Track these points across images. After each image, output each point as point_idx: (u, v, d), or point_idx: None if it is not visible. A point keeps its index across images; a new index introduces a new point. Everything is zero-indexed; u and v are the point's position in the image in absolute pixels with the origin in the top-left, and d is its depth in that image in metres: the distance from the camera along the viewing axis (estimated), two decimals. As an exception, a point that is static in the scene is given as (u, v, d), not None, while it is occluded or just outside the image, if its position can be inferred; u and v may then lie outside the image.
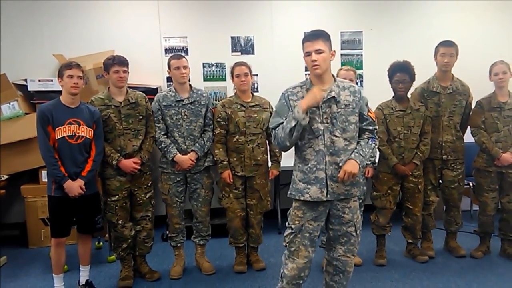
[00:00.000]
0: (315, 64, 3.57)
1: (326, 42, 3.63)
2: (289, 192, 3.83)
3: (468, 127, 5.47)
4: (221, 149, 5.05)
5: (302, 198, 3.68)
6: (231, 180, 5.03)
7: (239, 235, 5.21)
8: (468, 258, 5.47)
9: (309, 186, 3.66)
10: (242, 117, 5.00)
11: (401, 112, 5.14)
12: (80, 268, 4.76)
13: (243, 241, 5.26)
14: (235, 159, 5.06)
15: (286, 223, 3.83)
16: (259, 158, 5.08)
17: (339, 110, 3.62)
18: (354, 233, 3.77)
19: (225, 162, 5.02)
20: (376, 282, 4.92)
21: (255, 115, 5.04)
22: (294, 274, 3.73)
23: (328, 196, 3.64)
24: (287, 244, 3.78)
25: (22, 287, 5.05)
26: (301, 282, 3.79)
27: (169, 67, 5.05)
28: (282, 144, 3.65)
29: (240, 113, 5.01)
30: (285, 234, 3.81)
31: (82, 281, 4.75)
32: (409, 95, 5.25)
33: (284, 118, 3.62)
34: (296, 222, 3.72)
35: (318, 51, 3.56)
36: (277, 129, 3.66)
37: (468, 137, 5.51)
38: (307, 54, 3.60)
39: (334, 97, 3.61)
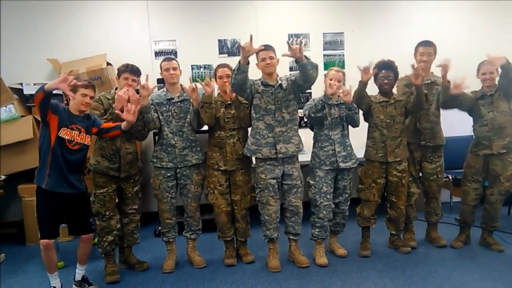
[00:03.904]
0: (269, 65, 4.82)
1: (274, 52, 4.83)
2: (244, 150, 5.02)
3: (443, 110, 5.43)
4: None
5: (254, 156, 4.95)
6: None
7: (226, 229, 5.20)
8: (448, 248, 5.46)
9: (260, 148, 4.87)
10: (223, 113, 5.03)
11: (384, 102, 5.14)
12: (77, 266, 4.67)
13: (230, 235, 5.24)
14: (217, 153, 5.07)
15: (255, 184, 5.07)
16: (240, 153, 5.07)
17: (283, 94, 4.87)
18: (300, 184, 5.03)
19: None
20: (361, 273, 4.89)
21: (233, 111, 5.05)
22: (273, 215, 5.01)
23: (278, 155, 4.85)
24: (259, 198, 5.01)
25: (20, 283, 4.98)
26: (277, 220, 5.04)
27: (160, 69, 5.02)
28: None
29: (222, 109, 5.05)
30: (256, 192, 5.05)
31: (78, 277, 4.66)
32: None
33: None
34: (262, 182, 4.94)
35: (271, 57, 4.80)
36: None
37: (449, 132, 5.50)
38: (263, 59, 4.81)
39: (280, 85, 4.88)
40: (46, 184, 4.28)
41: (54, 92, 4.39)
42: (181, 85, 5.12)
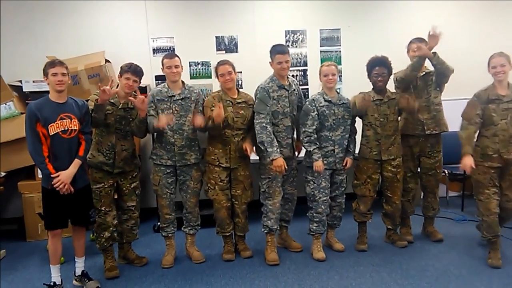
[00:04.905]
0: (285, 69, 4.98)
1: (289, 54, 5.05)
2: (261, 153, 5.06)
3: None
4: None
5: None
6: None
7: (225, 225, 5.18)
8: (444, 242, 5.45)
9: (282, 149, 4.98)
10: (231, 112, 4.97)
11: (378, 101, 5.09)
12: (76, 260, 4.67)
13: (229, 230, 5.23)
14: (220, 150, 5.03)
15: (261, 176, 5.10)
16: (242, 151, 5.06)
17: (294, 97, 5.15)
18: (296, 174, 5.32)
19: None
20: (358, 267, 4.89)
21: (242, 112, 5.04)
22: (277, 205, 5.10)
23: (294, 154, 5.28)
24: (266, 189, 5.08)
25: (20, 279, 4.97)
26: (279, 211, 5.17)
27: (162, 65, 4.99)
28: (257, 138, 4.92)
29: (229, 108, 4.98)
30: (263, 183, 5.10)
31: (78, 272, 4.66)
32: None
33: (268, 106, 4.90)
34: (272, 173, 4.97)
35: (287, 61, 4.95)
36: (265, 127, 4.86)
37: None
38: (279, 63, 4.90)
39: (294, 89, 5.14)
40: (51, 185, 4.25)
41: (47, 89, 4.38)
42: (182, 81, 5.10)
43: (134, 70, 4.72)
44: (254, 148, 5.14)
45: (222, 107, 4.77)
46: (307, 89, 7.00)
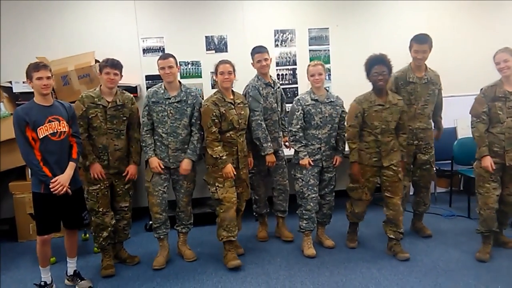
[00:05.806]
0: (265, 67, 5.35)
1: (268, 53, 5.41)
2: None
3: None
4: (218, 147, 4.85)
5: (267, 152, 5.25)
6: (235, 173, 4.90)
7: (233, 226, 4.91)
8: (433, 238, 5.48)
9: (270, 144, 5.25)
10: (235, 115, 4.91)
11: (379, 107, 4.90)
12: (67, 260, 4.67)
13: (236, 233, 4.97)
14: (227, 152, 4.91)
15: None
16: (245, 150, 5.09)
17: (278, 94, 5.52)
18: (285, 164, 5.59)
19: (224, 157, 4.82)
20: (348, 263, 4.91)
21: (243, 112, 5.01)
22: (263, 198, 5.68)
23: (281, 147, 5.58)
24: (252, 181, 5.47)
25: (12, 279, 4.96)
26: (266, 196, 5.71)
27: (158, 66, 4.96)
28: (253, 134, 5.22)
29: (232, 111, 4.91)
30: (249, 175, 5.31)
31: (70, 271, 4.66)
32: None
33: (260, 103, 5.24)
34: (255, 168, 5.48)
35: (266, 59, 5.33)
36: (260, 124, 5.20)
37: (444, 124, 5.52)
38: (259, 61, 5.32)
39: (279, 86, 5.56)
40: (44, 189, 4.24)
41: (28, 90, 4.34)
42: (179, 82, 5.09)
43: (111, 64, 4.70)
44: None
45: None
46: (297, 88, 7.02)
